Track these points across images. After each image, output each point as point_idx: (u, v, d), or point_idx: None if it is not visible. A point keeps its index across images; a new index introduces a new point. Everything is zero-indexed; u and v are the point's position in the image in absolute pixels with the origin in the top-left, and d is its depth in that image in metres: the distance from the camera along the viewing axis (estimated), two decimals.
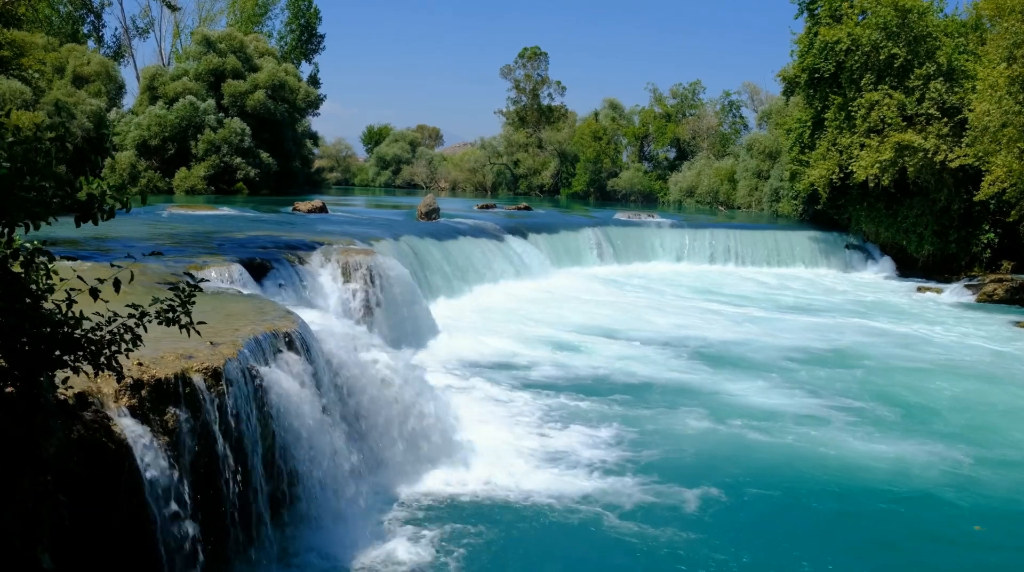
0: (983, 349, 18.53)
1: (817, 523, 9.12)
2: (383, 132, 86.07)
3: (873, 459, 10.87)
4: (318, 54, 70.48)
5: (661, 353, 16.61)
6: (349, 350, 9.54)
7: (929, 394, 14.38)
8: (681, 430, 11.76)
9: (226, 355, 7.12)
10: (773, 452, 11.03)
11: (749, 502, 9.39)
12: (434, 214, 27.57)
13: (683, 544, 8.20)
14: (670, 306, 22.56)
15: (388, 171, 79.64)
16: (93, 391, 5.89)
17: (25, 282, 4.48)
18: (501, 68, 73.46)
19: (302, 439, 7.75)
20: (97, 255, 12.43)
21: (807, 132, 34.83)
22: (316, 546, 7.66)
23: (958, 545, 8.73)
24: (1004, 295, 25.98)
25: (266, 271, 13.90)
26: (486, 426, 11.17)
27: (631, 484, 9.58)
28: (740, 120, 64.50)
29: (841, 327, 20.45)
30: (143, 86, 49.59)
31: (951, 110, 29.90)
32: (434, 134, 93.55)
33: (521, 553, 8.05)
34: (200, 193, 44.94)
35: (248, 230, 19.85)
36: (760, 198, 48.39)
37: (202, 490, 6.59)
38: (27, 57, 33.57)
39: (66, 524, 4.67)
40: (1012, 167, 25.10)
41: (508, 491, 9.23)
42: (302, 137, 56.53)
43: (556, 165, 69.93)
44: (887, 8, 30.18)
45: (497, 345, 16.40)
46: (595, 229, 31.74)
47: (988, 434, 12.18)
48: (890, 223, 32.30)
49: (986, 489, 10.05)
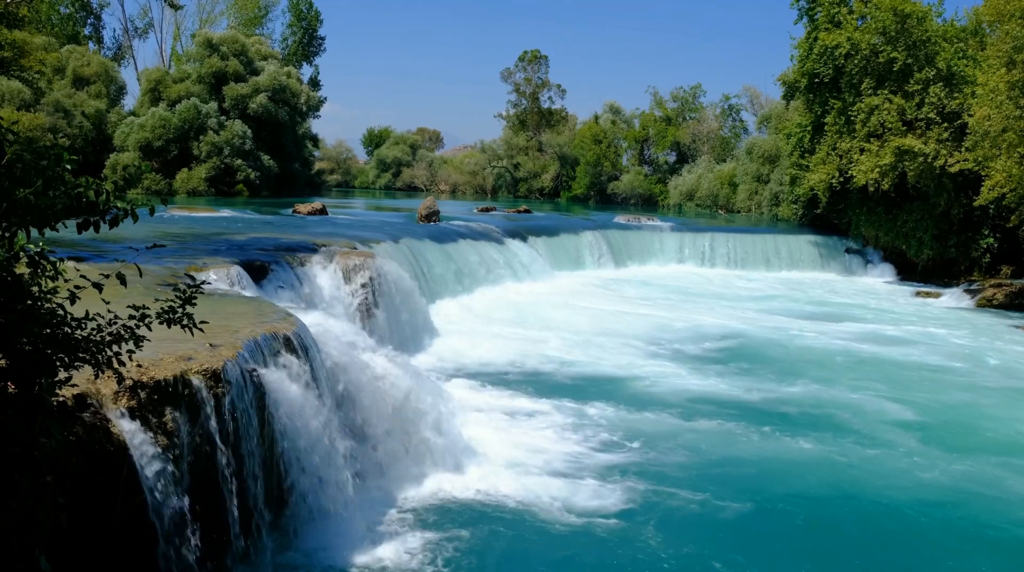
0: (982, 354, 18.51)
1: (821, 529, 9.12)
2: (384, 134, 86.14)
3: (868, 461, 10.88)
4: (319, 56, 70.76)
5: (662, 355, 16.61)
6: (348, 352, 9.54)
7: (924, 399, 14.36)
8: (688, 433, 11.73)
9: (225, 357, 7.12)
10: (767, 452, 11.04)
11: (746, 502, 9.38)
12: (434, 217, 27.57)
13: (684, 548, 8.20)
14: (670, 309, 22.55)
15: (388, 173, 79.71)
16: (92, 392, 5.89)
17: (26, 283, 4.49)
18: (501, 71, 73.71)
19: (301, 441, 7.75)
20: (95, 257, 12.42)
21: (807, 136, 34.88)
22: (314, 547, 7.65)
23: (952, 551, 8.72)
24: (1003, 300, 25.98)
25: (266, 273, 13.90)
26: (485, 429, 11.17)
27: (634, 488, 9.56)
28: (740, 124, 64.66)
29: (839, 331, 20.44)
30: (145, 88, 49.69)
31: (951, 115, 29.93)
32: (434, 137, 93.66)
33: (520, 557, 8.04)
34: (201, 195, 45.00)
35: (248, 232, 19.85)
36: (760, 202, 48.42)
37: (201, 491, 6.58)
38: (27, 58, 33.61)
39: (64, 525, 4.67)
40: (1012, 172, 25.13)
41: (507, 494, 9.21)
42: (303, 139, 56.63)
43: (556, 168, 70.00)
44: (886, 13, 30.23)
45: (497, 348, 16.39)
46: (595, 232, 31.75)
47: (991, 441, 12.19)
48: (890, 227, 32.33)
49: (989, 493, 10.05)
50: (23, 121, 32.71)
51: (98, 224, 4.51)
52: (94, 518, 5.61)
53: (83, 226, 4.51)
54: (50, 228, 4.47)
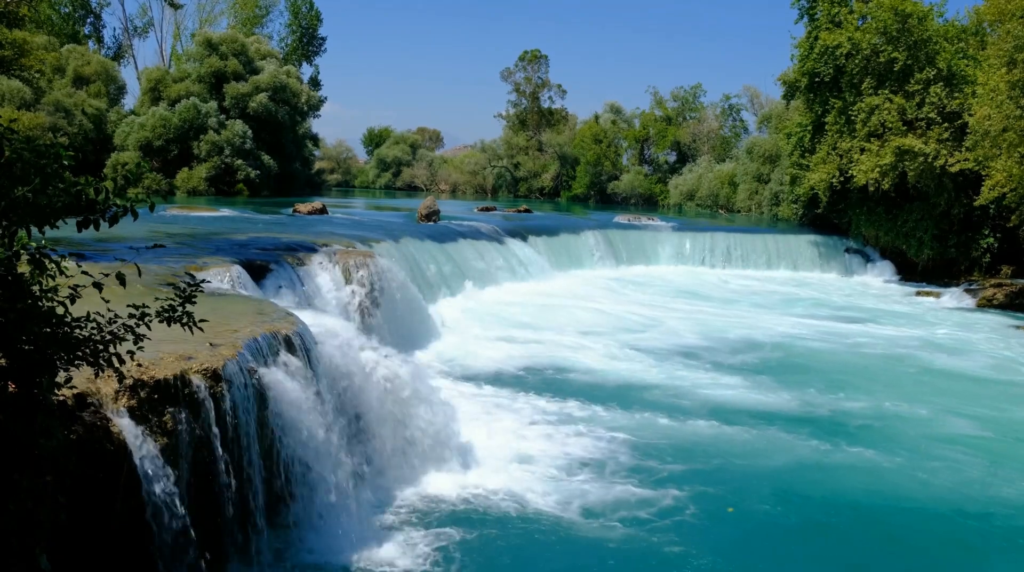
0: (983, 354, 18.51)
1: (810, 528, 9.12)
2: (384, 134, 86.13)
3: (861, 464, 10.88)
4: (319, 56, 70.73)
5: (663, 356, 16.60)
6: (348, 352, 9.52)
7: (924, 399, 14.36)
8: (688, 435, 11.70)
9: (225, 356, 7.11)
10: (768, 455, 11.03)
11: (741, 504, 9.38)
12: (434, 216, 27.57)
13: (683, 551, 8.19)
14: (669, 309, 22.54)
15: (388, 173, 79.70)
16: (92, 391, 5.88)
17: (26, 282, 4.48)
18: (501, 71, 73.70)
19: (301, 440, 7.74)
20: (96, 256, 12.41)
21: (807, 136, 34.87)
22: (313, 547, 7.65)
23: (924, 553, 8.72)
24: (1004, 300, 25.96)
25: (266, 272, 13.89)
26: (485, 429, 11.15)
27: (633, 490, 9.55)
28: (740, 123, 64.63)
29: (839, 330, 20.44)
30: (145, 87, 49.70)
31: (951, 114, 29.91)
32: (435, 136, 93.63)
33: (520, 558, 8.02)
34: (201, 194, 45.01)
35: (248, 231, 19.84)
36: (760, 202, 48.40)
37: (200, 490, 6.58)
38: (28, 57, 33.61)
39: (64, 525, 4.67)
40: (1012, 172, 25.11)
41: (507, 495, 9.20)
42: (303, 139, 56.62)
43: (556, 168, 69.99)
44: (887, 13, 30.22)
45: (497, 347, 16.39)
46: (595, 232, 31.75)
47: (991, 442, 12.18)
48: (890, 227, 32.32)
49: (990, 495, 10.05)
50: (23, 120, 32.71)
51: (98, 222, 4.51)
52: (94, 517, 5.61)
53: (83, 224, 4.50)
54: (50, 226, 4.46)
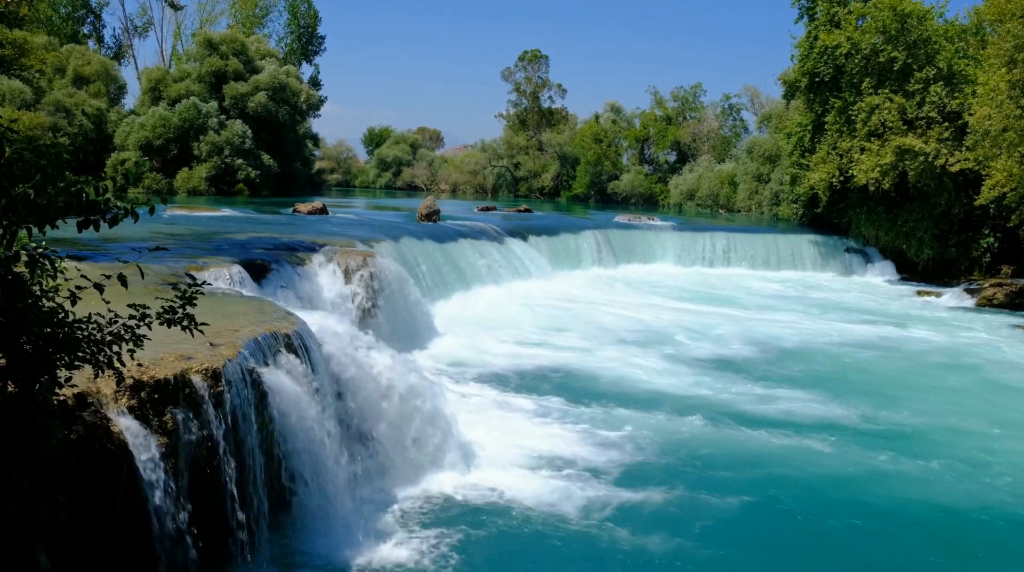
0: (983, 354, 18.50)
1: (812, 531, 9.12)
2: (384, 134, 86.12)
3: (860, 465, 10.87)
4: (319, 56, 70.69)
5: (663, 356, 16.60)
6: (349, 351, 9.53)
7: (924, 399, 14.36)
8: (685, 435, 11.71)
9: (226, 356, 7.12)
10: (768, 455, 11.04)
11: (739, 502, 9.38)
12: (434, 216, 27.56)
13: (684, 552, 8.19)
14: (670, 309, 22.53)
15: (389, 173, 79.69)
16: (93, 391, 5.89)
17: (26, 282, 4.48)
18: (502, 71, 73.66)
19: (301, 440, 7.74)
20: (98, 255, 12.42)
21: (807, 136, 34.87)
22: (313, 547, 7.65)
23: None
24: (1004, 299, 25.95)
25: (266, 272, 13.89)
26: (486, 429, 11.15)
27: (633, 490, 9.55)
28: (741, 123, 64.60)
29: (839, 330, 20.43)
30: (145, 87, 49.69)
31: (952, 114, 29.91)
32: (435, 136, 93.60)
33: (520, 558, 8.03)
34: (201, 194, 45.00)
35: (248, 231, 19.83)
36: (760, 202, 48.40)
37: (200, 490, 6.58)
38: (28, 57, 33.62)
39: (64, 524, 4.67)
40: (1012, 171, 25.12)
41: (507, 495, 9.20)
42: (303, 139, 56.59)
43: (557, 168, 69.96)
44: (886, 12, 30.22)
45: (497, 347, 16.39)
46: (595, 231, 31.74)
47: (992, 442, 12.18)
48: (890, 227, 32.32)
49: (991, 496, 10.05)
50: (23, 120, 32.71)
51: (98, 222, 4.50)
52: (94, 517, 5.61)
53: (83, 224, 4.50)
54: (50, 226, 4.45)
